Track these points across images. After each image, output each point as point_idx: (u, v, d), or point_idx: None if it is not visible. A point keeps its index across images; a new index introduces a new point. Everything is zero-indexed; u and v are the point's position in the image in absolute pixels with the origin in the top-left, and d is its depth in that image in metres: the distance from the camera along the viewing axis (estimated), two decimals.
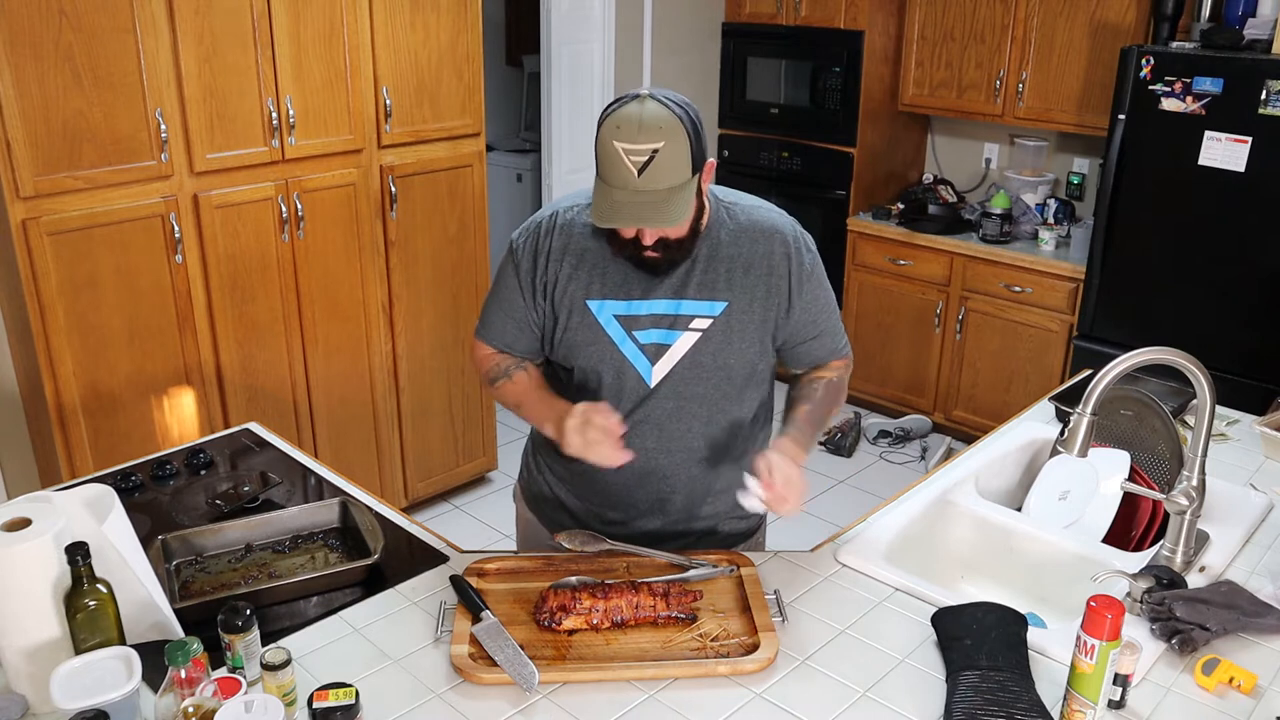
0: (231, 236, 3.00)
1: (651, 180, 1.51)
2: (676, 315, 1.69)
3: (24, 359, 2.84)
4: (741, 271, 1.69)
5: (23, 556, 1.34)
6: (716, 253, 1.69)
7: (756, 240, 1.70)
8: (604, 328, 1.70)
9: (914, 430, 4.49)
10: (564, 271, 1.71)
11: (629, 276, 1.69)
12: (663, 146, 1.50)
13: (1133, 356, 1.61)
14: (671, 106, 1.53)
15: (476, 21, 3.42)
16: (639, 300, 1.69)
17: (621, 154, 1.50)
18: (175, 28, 2.75)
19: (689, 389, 1.72)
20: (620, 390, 1.73)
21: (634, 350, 1.70)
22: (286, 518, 1.87)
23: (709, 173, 1.62)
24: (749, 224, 1.72)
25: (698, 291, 1.68)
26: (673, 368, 1.70)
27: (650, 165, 1.50)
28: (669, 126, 1.51)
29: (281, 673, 1.36)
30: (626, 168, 1.51)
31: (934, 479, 2.09)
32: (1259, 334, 3.41)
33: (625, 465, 1.73)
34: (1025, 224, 4.29)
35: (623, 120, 1.51)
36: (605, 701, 1.44)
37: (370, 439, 3.54)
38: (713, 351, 1.70)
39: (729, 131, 4.97)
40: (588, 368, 1.73)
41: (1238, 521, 1.90)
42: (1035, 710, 1.38)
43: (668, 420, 1.74)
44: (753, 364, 1.74)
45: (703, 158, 1.57)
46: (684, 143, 1.52)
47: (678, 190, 1.52)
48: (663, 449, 1.76)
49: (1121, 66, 3.53)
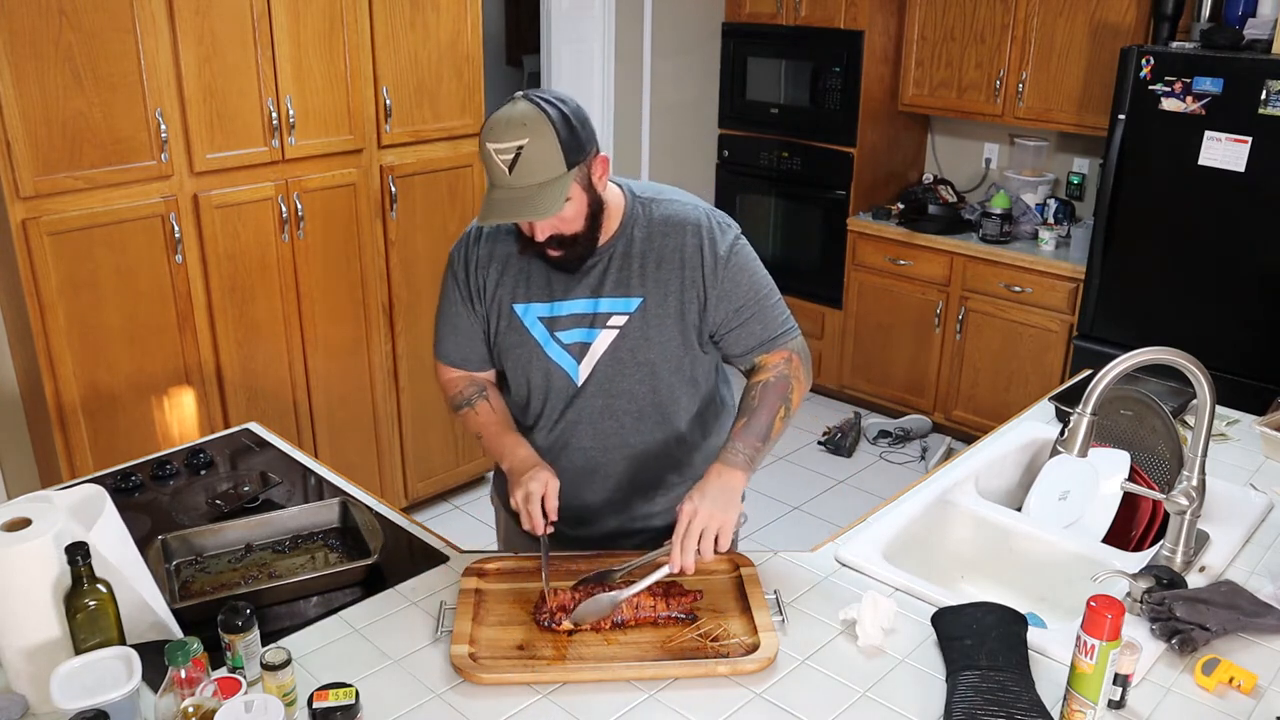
0: (231, 236, 3.00)
1: (522, 176, 1.53)
2: (595, 314, 1.71)
3: (24, 359, 2.84)
4: (654, 266, 1.70)
5: (23, 556, 1.34)
6: (630, 249, 1.70)
7: (668, 234, 1.70)
8: (529, 330, 1.74)
9: (914, 430, 4.49)
10: (491, 277, 1.76)
11: (550, 278, 1.72)
12: (527, 143, 1.52)
13: (1133, 356, 1.61)
14: (540, 104, 1.55)
15: (476, 21, 3.42)
16: (560, 301, 1.72)
17: (492, 153, 1.54)
18: (175, 28, 2.75)
19: (615, 386, 1.74)
20: (549, 390, 1.77)
21: (558, 351, 1.73)
22: (286, 518, 1.88)
23: (601, 166, 1.62)
24: (661, 218, 1.71)
25: (613, 289, 1.70)
26: (595, 366, 1.73)
27: (518, 162, 1.52)
28: (533, 123, 1.53)
29: (281, 673, 1.36)
30: (498, 166, 1.54)
31: (934, 479, 2.09)
32: (1259, 334, 3.41)
33: (569, 465, 1.79)
34: (1025, 224, 4.28)
35: (494, 121, 1.56)
36: (605, 701, 1.44)
37: (370, 439, 3.54)
38: (631, 348, 1.71)
39: (729, 131, 4.97)
40: (518, 370, 1.78)
41: (1238, 521, 1.90)
42: (1035, 710, 1.38)
43: (599, 418, 1.76)
44: (677, 358, 1.74)
45: (580, 150, 1.57)
46: (550, 137, 1.53)
47: (548, 185, 1.54)
48: (599, 446, 1.78)
49: (1121, 66, 3.53)
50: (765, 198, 4.88)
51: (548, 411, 1.79)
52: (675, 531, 1.58)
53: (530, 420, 1.82)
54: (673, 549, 1.58)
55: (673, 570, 1.58)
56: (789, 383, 1.74)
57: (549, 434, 1.80)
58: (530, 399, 1.80)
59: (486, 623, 1.59)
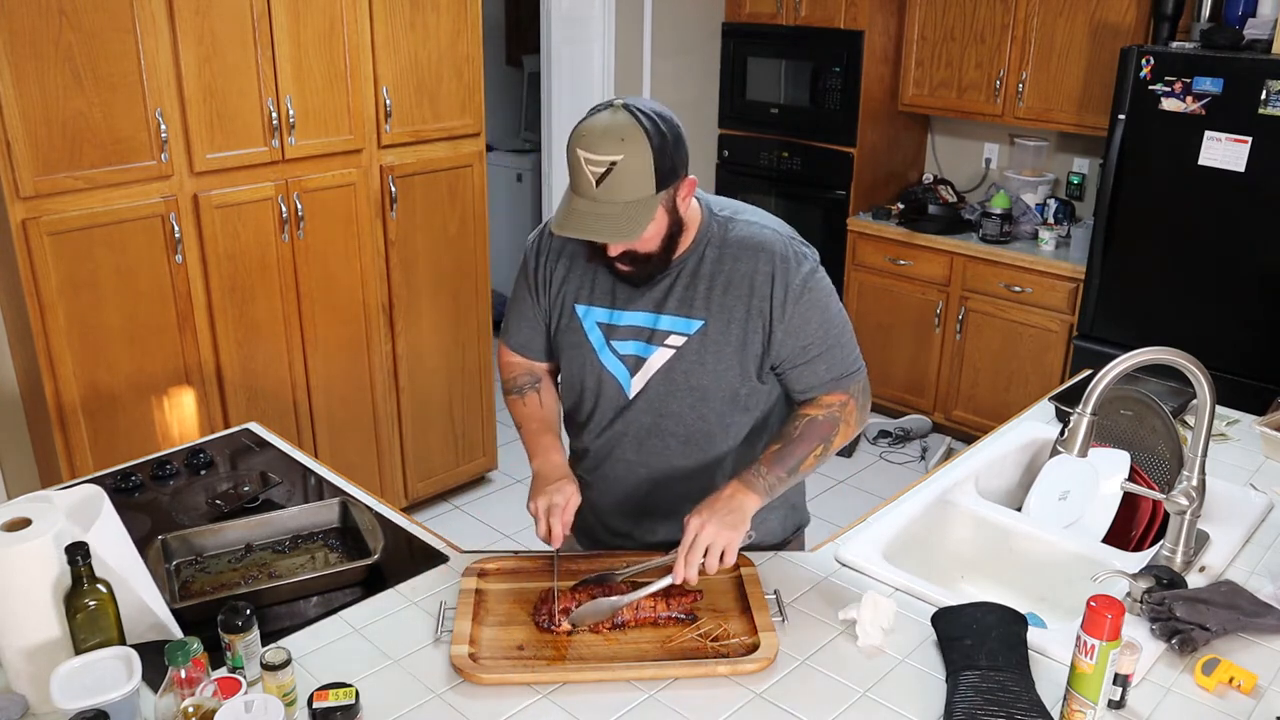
0: (231, 236, 3.00)
1: (609, 192, 1.47)
2: (654, 329, 1.66)
3: (24, 359, 2.84)
4: (721, 290, 1.63)
5: (23, 556, 1.34)
6: (700, 269, 1.63)
7: (740, 258, 1.62)
8: (586, 334, 1.71)
9: (914, 430, 4.49)
10: (558, 272, 1.72)
11: (615, 285, 1.68)
12: (622, 160, 1.45)
13: (1133, 356, 1.61)
14: (641, 119, 1.47)
15: (476, 21, 3.42)
16: (621, 310, 1.68)
17: (582, 161, 1.47)
18: (175, 28, 2.75)
19: (665, 406, 1.69)
20: (600, 396, 1.74)
21: (612, 359, 1.70)
22: (286, 518, 1.88)
23: (688, 188, 1.56)
24: (736, 240, 1.64)
25: (676, 307, 1.65)
26: (648, 382, 1.69)
27: (608, 177, 1.46)
28: (631, 138, 1.45)
29: (281, 673, 1.36)
30: (586, 176, 1.47)
31: (934, 479, 2.09)
32: (1259, 334, 3.41)
33: (610, 474, 1.78)
34: (1025, 224, 4.28)
35: (588, 128, 1.48)
36: (605, 701, 1.44)
37: (370, 439, 3.54)
38: (685, 370, 1.66)
39: (729, 131, 4.96)
40: (572, 369, 1.75)
41: (1238, 521, 1.90)
42: (1035, 710, 1.38)
43: (646, 435, 1.73)
44: (733, 387, 1.67)
45: (673, 174, 1.51)
46: (646, 157, 1.46)
47: (635, 205, 1.47)
48: (642, 463, 1.76)
49: (1121, 66, 3.53)
50: (765, 198, 4.88)
51: (598, 417, 1.76)
52: (681, 544, 1.56)
53: (582, 418, 1.80)
54: (677, 561, 1.56)
55: (675, 581, 1.57)
56: (836, 425, 1.67)
57: (596, 439, 1.78)
58: (582, 399, 1.77)
59: (487, 623, 1.59)
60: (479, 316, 3.74)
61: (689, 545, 1.55)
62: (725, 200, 1.71)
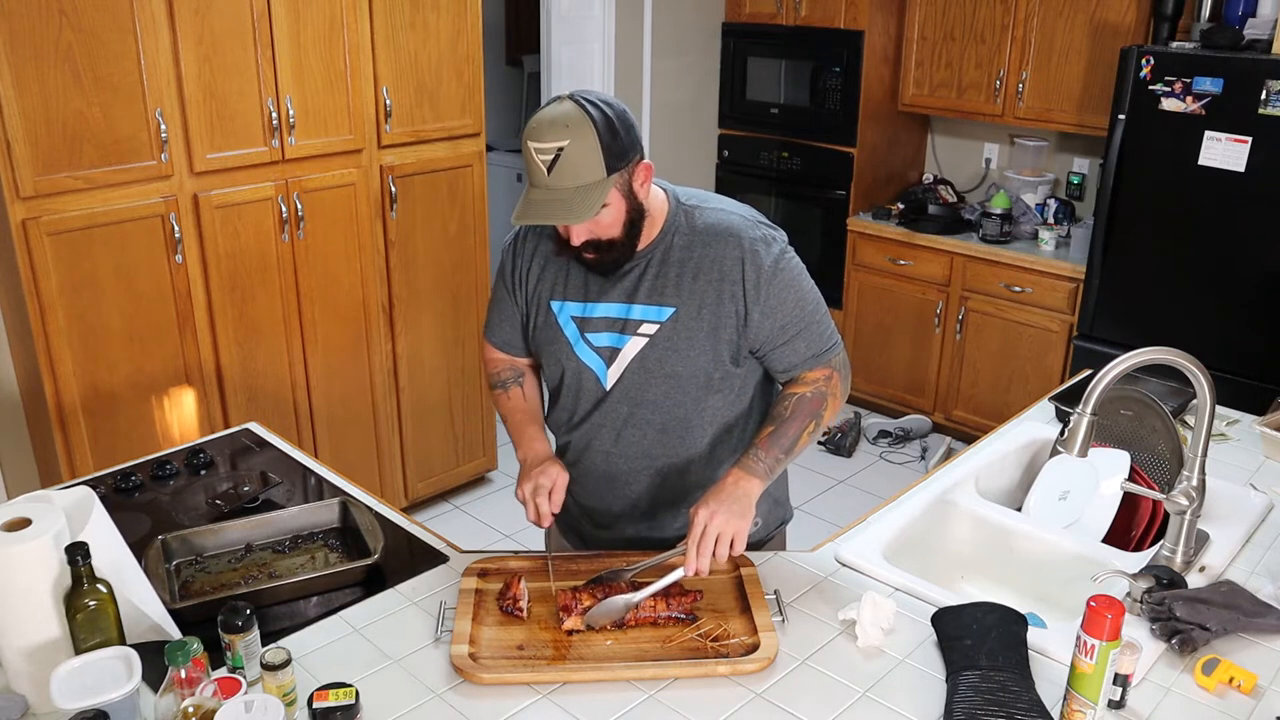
0: (231, 236, 3.00)
1: (560, 178, 1.51)
2: (627, 319, 1.69)
3: (24, 359, 2.84)
4: (690, 277, 1.66)
5: (23, 556, 1.34)
6: (669, 257, 1.67)
7: (709, 244, 1.66)
8: (562, 328, 1.74)
9: (914, 430, 4.49)
10: (534, 271, 1.77)
11: (588, 279, 1.71)
12: (568, 144, 1.50)
13: (1133, 356, 1.61)
14: (586, 106, 1.53)
15: (476, 21, 3.42)
16: (594, 303, 1.71)
17: (533, 152, 1.53)
18: (175, 28, 2.75)
19: (641, 394, 1.72)
20: (579, 390, 1.76)
21: (588, 352, 1.72)
22: (286, 518, 1.88)
23: (643, 173, 1.59)
24: (704, 227, 1.67)
25: (647, 296, 1.68)
26: (623, 372, 1.71)
27: (557, 163, 1.51)
28: (575, 124, 1.50)
29: (281, 673, 1.36)
30: (537, 165, 1.53)
31: (934, 479, 2.09)
32: (1259, 334, 3.41)
33: (590, 467, 1.81)
34: (1025, 224, 4.28)
35: (536, 120, 1.54)
36: (605, 701, 1.44)
37: (370, 439, 3.54)
38: (659, 358, 1.68)
39: (729, 131, 4.97)
40: (551, 364, 1.78)
41: (1238, 521, 1.90)
42: (1035, 710, 1.38)
43: (623, 425, 1.75)
44: (706, 372, 1.69)
45: (623, 157, 1.54)
46: (591, 140, 1.51)
47: (586, 189, 1.52)
48: (620, 453, 1.77)
49: (1121, 66, 3.53)
50: (765, 198, 4.88)
51: (577, 410, 1.79)
52: (689, 536, 1.57)
53: (563, 415, 1.82)
54: (687, 553, 1.57)
55: (687, 574, 1.58)
56: (824, 400, 1.70)
57: (574, 432, 1.81)
58: (562, 394, 1.80)
59: (486, 623, 1.59)
60: (479, 316, 3.74)
61: (699, 536, 1.56)
62: (692, 190, 1.75)
